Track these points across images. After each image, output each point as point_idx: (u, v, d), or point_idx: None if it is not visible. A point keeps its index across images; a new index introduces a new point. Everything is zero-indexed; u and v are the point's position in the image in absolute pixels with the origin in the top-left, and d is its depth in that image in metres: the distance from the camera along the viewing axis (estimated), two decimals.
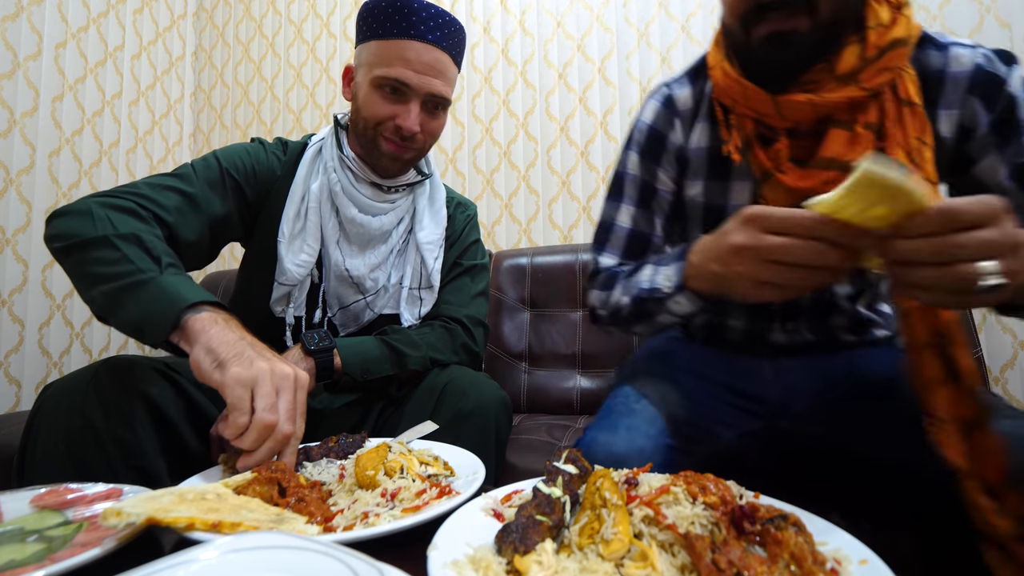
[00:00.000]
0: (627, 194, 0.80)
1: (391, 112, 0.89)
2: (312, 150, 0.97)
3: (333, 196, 0.94)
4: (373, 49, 0.89)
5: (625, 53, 1.85)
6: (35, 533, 0.46)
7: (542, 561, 0.38)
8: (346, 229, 0.95)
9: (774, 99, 0.64)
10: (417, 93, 0.88)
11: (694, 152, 0.76)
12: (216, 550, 0.35)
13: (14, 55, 1.82)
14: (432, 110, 0.92)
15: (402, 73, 0.86)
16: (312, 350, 0.82)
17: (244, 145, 0.97)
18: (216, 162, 0.91)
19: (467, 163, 2.02)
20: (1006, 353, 1.45)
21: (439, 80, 0.89)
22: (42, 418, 0.65)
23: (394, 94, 0.88)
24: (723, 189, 0.74)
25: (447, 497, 0.52)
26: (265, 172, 0.95)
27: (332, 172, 0.93)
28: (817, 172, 0.63)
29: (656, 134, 0.78)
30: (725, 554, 0.35)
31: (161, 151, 2.31)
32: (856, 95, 0.61)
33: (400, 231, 1.00)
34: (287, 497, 0.53)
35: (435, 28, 0.88)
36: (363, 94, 0.91)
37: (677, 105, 0.77)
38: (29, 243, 1.83)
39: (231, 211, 0.90)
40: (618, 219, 0.80)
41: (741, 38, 0.65)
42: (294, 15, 2.34)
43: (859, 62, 0.61)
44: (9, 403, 1.78)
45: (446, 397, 0.83)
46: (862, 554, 0.39)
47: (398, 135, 0.89)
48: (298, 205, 0.93)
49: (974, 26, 1.52)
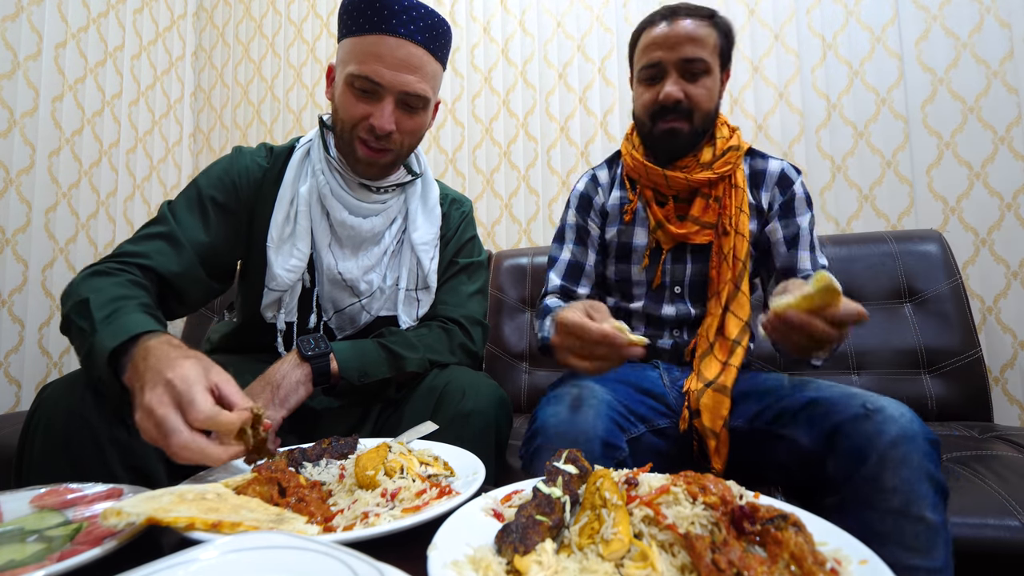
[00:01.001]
0: (567, 237, 1.11)
1: (364, 112, 0.86)
2: (300, 152, 0.95)
3: (322, 198, 0.92)
4: (348, 47, 0.87)
5: (625, 53, 1.84)
6: (35, 533, 0.46)
7: (542, 561, 0.38)
8: (337, 232, 0.94)
9: (664, 174, 1.00)
10: (390, 91, 0.85)
11: (611, 207, 1.09)
12: (216, 550, 0.35)
13: (14, 55, 1.82)
14: (409, 109, 0.89)
15: (373, 70, 0.84)
16: (308, 355, 0.82)
17: (223, 160, 0.95)
18: (195, 190, 0.90)
19: (467, 163, 2.02)
20: (1006, 353, 1.45)
21: (413, 76, 0.86)
22: (40, 418, 0.65)
23: (366, 94, 0.86)
24: (630, 232, 1.07)
25: (447, 497, 0.52)
26: (247, 181, 0.93)
27: (320, 174, 0.92)
28: (689, 224, 1.00)
29: (586, 197, 1.12)
30: (725, 554, 0.35)
31: (161, 151, 2.31)
32: (712, 177, 0.98)
33: (393, 232, 0.99)
34: (287, 497, 0.53)
35: (409, 22, 0.84)
36: (339, 94, 0.89)
37: (599, 180, 1.13)
38: (29, 243, 1.83)
39: (219, 234, 0.89)
40: (561, 255, 1.11)
41: (647, 129, 1.01)
42: (294, 15, 2.34)
43: (711, 156, 1.00)
44: (9, 403, 1.78)
45: (446, 398, 0.83)
46: (862, 554, 0.39)
47: (372, 135, 0.87)
48: (287, 209, 0.92)
49: (974, 26, 1.52)
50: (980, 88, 1.50)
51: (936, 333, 1.30)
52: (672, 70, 0.95)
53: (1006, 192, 1.47)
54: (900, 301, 1.36)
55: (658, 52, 0.95)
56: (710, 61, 0.95)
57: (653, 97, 0.97)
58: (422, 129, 0.94)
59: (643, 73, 0.99)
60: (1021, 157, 1.46)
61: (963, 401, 1.25)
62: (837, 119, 1.64)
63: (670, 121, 0.96)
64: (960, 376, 1.26)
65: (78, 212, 1.98)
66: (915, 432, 0.63)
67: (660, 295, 1.04)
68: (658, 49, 0.95)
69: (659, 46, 0.95)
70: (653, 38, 0.97)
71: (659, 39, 0.96)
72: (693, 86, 0.96)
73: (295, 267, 0.91)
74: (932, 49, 1.55)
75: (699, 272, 1.02)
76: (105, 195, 2.07)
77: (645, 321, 1.06)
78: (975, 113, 1.51)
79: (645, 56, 0.98)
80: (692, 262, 1.03)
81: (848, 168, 1.62)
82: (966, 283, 1.43)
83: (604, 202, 1.10)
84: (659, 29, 0.96)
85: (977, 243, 1.49)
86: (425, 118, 0.93)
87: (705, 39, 0.95)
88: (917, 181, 1.55)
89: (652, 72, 0.97)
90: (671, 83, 0.95)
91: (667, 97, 0.95)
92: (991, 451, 0.97)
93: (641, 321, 1.07)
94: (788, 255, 1.00)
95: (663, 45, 0.95)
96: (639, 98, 1.01)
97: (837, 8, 1.66)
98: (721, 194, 1.00)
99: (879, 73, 1.60)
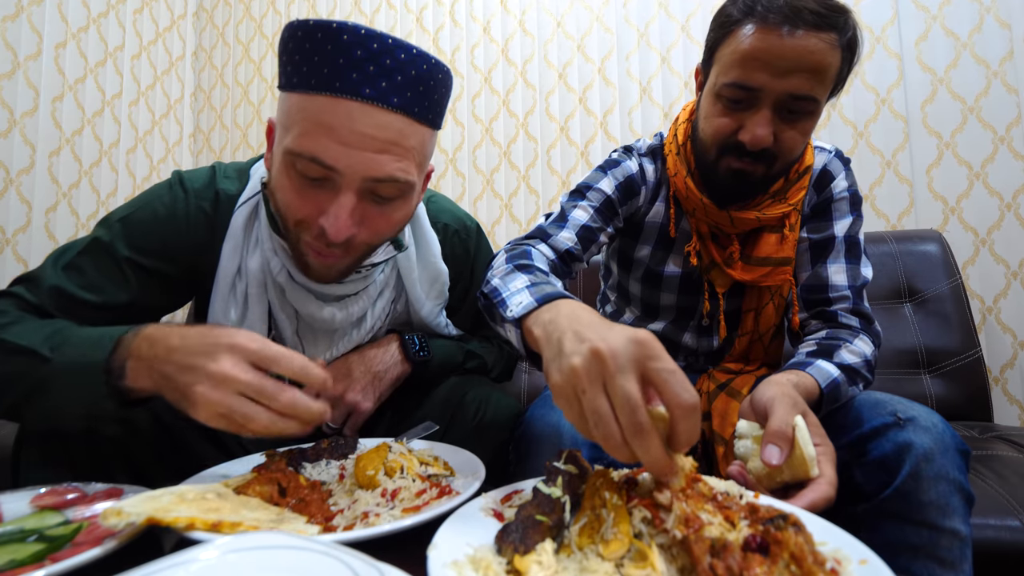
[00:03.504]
0: (592, 199, 0.85)
1: (311, 209, 0.62)
2: (243, 212, 0.72)
3: (280, 285, 0.74)
4: (289, 105, 0.61)
5: (625, 53, 1.85)
6: (35, 533, 0.46)
7: (542, 561, 0.38)
8: (304, 321, 0.77)
9: (730, 215, 0.80)
10: (348, 178, 0.60)
11: (649, 223, 0.89)
12: (216, 550, 0.34)
13: (14, 55, 1.82)
14: (379, 200, 0.64)
15: (322, 148, 0.58)
16: (413, 358, 0.81)
17: (155, 205, 0.71)
18: (103, 250, 0.68)
19: (467, 163, 2.02)
20: (1006, 353, 1.44)
21: (386, 156, 0.60)
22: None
23: (315, 181, 0.61)
24: (663, 256, 0.89)
25: (447, 497, 0.52)
26: (187, 242, 0.72)
27: (272, 256, 0.72)
28: (757, 268, 0.82)
29: (632, 183, 0.87)
30: (724, 559, 0.35)
31: (161, 151, 2.31)
32: (786, 210, 0.80)
33: (383, 303, 0.82)
34: (287, 497, 0.53)
35: (380, 76, 0.58)
36: (275, 174, 0.65)
37: (647, 176, 0.89)
38: (29, 243, 1.83)
39: (140, 293, 0.70)
40: (574, 213, 0.84)
41: (709, 159, 0.78)
42: (294, 15, 2.34)
43: (783, 184, 0.80)
44: None
45: (462, 410, 0.80)
46: (862, 554, 0.39)
47: (323, 240, 0.63)
48: (226, 297, 0.72)
49: (974, 26, 1.52)
50: (980, 88, 1.50)
51: (936, 333, 1.30)
52: (768, 104, 0.70)
53: (1006, 192, 1.47)
54: (900, 301, 1.36)
55: (760, 75, 0.69)
56: (821, 100, 0.71)
57: (730, 128, 0.74)
58: (401, 223, 0.69)
59: (727, 91, 0.72)
60: (1021, 157, 1.46)
61: (963, 401, 1.24)
62: (837, 119, 1.64)
63: (743, 162, 0.74)
64: (960, 376, 1.26)
65: (78, 212, 1.98)
66: (948, 444, 0.60)
67: (684, 325, 0.92)
68: (761, 69, 0.69)
69: (762, 65, 0.69)
70: (756, 49, 0.69)
71: (765, 54, 0.68)
72: (788, 129, 0.72)
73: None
74: (932, 49, 1.55)
75: (736, 306, 0.88)
76: (105, 195, 2.07)
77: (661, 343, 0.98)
78: (975, 113, 1.50)
79: (738, 70, 0.71)
80: (731, 296, 0.88)
81: None
82: (966, 283, 1.43)
83: (641, 207, 0.89)
84: (768, 38, 0.68)
85: (977, 243, 1.49)
86: (406, 208, 0.67)
87: (828, 68, 0.68)
88: (917, 181, 1.55)
89: (740, 95, 0.71)
90: (762, 123, 0.70)
91: (753, 142, 0.71)
92: (991, 451, 0.97)
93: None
94: (815, 271, 0.82)
95: (769, 66, 0.68)
96: (710, 117, 0.76)
97: None
98: (795, 222, 0.81)
99: (879, 73, 1.60)
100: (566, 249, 0.80)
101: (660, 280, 0.89)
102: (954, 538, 0.58)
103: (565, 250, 0.80)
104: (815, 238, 0.83)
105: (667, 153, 0.87)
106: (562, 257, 0.80)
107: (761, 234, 0.82)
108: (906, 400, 0.67)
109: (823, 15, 0.67)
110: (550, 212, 0.86)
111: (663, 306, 0.92)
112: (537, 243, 0.79)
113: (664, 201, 0.88)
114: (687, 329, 0.92)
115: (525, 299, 0.58)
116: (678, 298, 0.90)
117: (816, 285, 0.82)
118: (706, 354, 0.93)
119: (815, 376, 0.68)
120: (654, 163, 0.89)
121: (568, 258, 0.81)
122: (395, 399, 0.86)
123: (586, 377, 0.42)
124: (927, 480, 0.58)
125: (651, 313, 0.94)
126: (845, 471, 0.64)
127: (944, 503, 0.58)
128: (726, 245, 0.83)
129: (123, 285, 0.69)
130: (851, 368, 0.72)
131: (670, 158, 0.86)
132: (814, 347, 0.76)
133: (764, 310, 0.86)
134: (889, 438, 0.62)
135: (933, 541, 0.58)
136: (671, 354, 0.93)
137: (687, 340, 0.93)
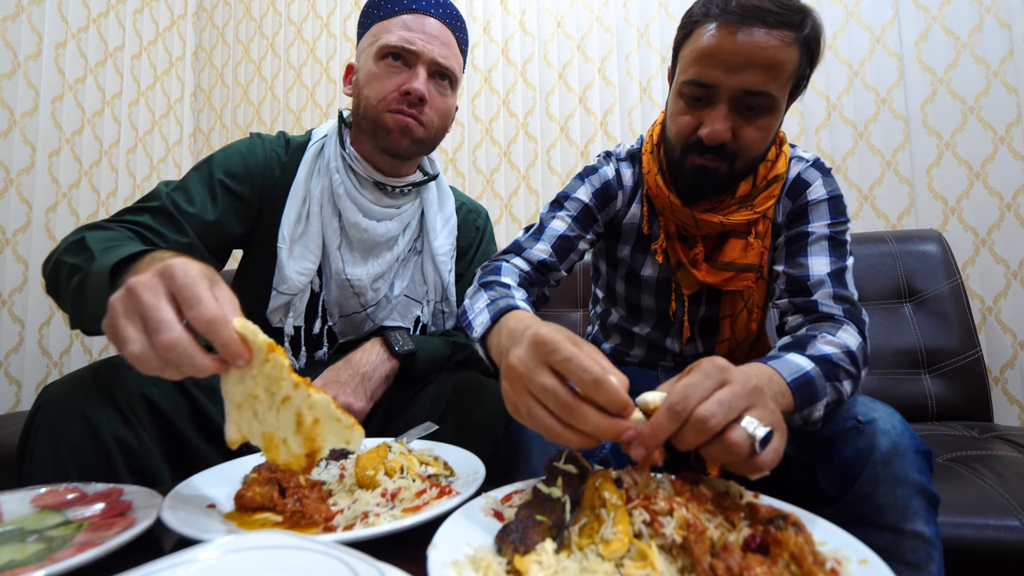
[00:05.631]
0: (569, 208, 0.88)
1: (397, 82, 0.86)
2: (314, 148, 0.92)
3: (335, 199, 0.90)
4: (374, 31, 0.89)
5: (625, 53, 1.85)
6: (35, 533, 0.46)
7: (542, 561, 0.38)
8: (349, 234, 0.91)
9: (693, 215, 0.81)
10: (422, 59, 0.86)
11: (627, 225, 0.91)
12: (216, 550, 0.34)
13: (14, 55, 1.82)
14: (439, 83, 0.89)
15: (406, 37, 0.85)
16: (398, 352, 0.83)
17: (241, 144, 0.92)
18: (208, 169, 0.87)
19: (467, 163, 2.02)
20: (1006, 353, 1.45)
21: (444, 50, 0.87)
22: (41, 418, 0.64)
23: (398, 61, 0.86)
24: (642, 259, 0.91)
25: (447, 497, 0.52)
26: (262, 173, 0.90)
27: (335, 173, 0.89)
28: (721, 272, 0.83)
29: (608, 189, 0.90)
30: (724, 559, 0.35)
31: (161, 151, 2.31)
32: (752, 217, 0.81)
33: (406, 238, 0.97)
34: (287, 497, 0.53)
35: (436, 5, 0.88)
36: (365, 74, 0.88)
37: (623, 180, 0.91)
38: (29, 243, 1.83)
39: (224, 217, 0.86)
40: (553, 224, 0.86)
41: (675, 157, 0.81)
42: (294, 15, 2.34)
43: (750, 188, 0.81)
44: (9, 403, 1.78)
45: (455, 403, 0.82)
46: (862, 554, 0.39)
47: (405, 102, 0.85)
48: (299, 208, 0.89)
49: (974, 26, 1.52)
50: (980, 88, 1.50)
51: (936, 333, 1.30)
52: (725, 100, 0.72)
53: (1006, 192, 1.47)
54: (900, 301, 1.36)
55: (715, 71, 0.71)
56: (778, 97, 0.72)
57: (691, 125, 0.76)
58: (450, 112, 0.93)
59: (687, 89, 0.75)
60: (1021, 157, 1.46)
61: (963, 401, 1.25)
62: (837, 119, 1.64)
63: (705, 159, 0.76)
64: (960, 376, 1.26)
65: (78, 212, 1.98)
66: (906, 447, 0.60)
67: (666, 329, 0.94)
68: (716, 67, 0.71)
69: (718, 63, 0.71)
70: (711, 47, 0.71)
71: (720, 52, 0.70)
72: (747, 125, 0.73)
73: (307, 270, 0.89)
74: (932, 49, 1.55)
75: (714, 313, 0.89)
76: (105, 195, 2.07)
77: (647, 346, 0.97)
78: (975, 113, 1.50)
79: (696, 68, 0.73)
80: (707, 302, 0.89)
81: (848, 168, 1.62)
82: (966, 283, 1.44)
83: (619, 211, 0.91)
84: (723, 36, 0.70)
85: (977, 243, 1.49)
86: (452, 100, 0.93)
87: (782, 65, 0.70)
88: (917, 181, 1.55)
89: (699, 93, 0.73)
90: (720, 118, 0.72)
91: (710, 137, 0.73)
92: (991, 451, 0.97)
93: (643, 346, 0.98)
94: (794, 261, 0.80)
95: (724, 63, 0.70)
96: (674, 116, 0.79)
97: (837, 8, 1.65)
98: (763, 230, 0.82)
99: (879, 73, 1.60)
100: (540, 260, 0.83)
101: (640, 281, 0.92)
102: (918, 540, 0.58)
103: (539, 261, 0.83)
104: (790, 234, 0.82)
105: (643, 153, 0.90)
106: (536, 268, 0.83)
107: (727, 239, 0.84)
108: (869, 400, 0.67)
109: (777, 13, 0.68)
110: (531, 224, 0.89)
111: (644, 308, 0.94)
112: (511, 257, 0.83)
113: (640, 202, 0.90)
114: (668, 334, 0.94)
115: (484, 318, 0.65)
116: (656, 301, 0.92)
117: (795, 276, 0.78)
118: (692, 359, 0.93)
119: (778, 369, 0.60)
120: (632, 167, 0.92)
121: (543, 268, 0.83)
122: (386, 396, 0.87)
123: (512, 391, 0.47)
124: (885, 484, 0.59)
125: (635, 314, 0.96)
126: (810, 474, 0.66)
127: (903, 506, 0.58)
128: (692, 246, 0.85)
129: (213, 204, 0.84)
130: (827, 359, 0.64)
131: (645, 157, 0.89)
132: (788, 340, 0.71)
133: (739, 317, 0.86)
134: (850, 443, 0.62)
135: (896, 544, 0.58)
136: (659, 358, 0.94)
137: (671, 345, 0.95)
